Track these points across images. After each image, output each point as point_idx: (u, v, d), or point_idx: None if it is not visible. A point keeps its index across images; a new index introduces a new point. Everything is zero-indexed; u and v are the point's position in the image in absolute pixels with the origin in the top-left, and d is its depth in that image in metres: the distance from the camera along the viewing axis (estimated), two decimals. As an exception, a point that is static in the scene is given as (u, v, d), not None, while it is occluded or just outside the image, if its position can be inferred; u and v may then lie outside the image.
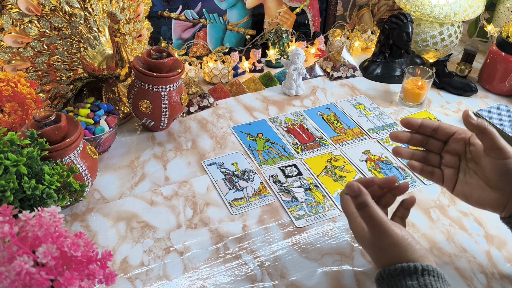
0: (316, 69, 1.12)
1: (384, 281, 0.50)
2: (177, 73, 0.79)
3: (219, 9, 1.10)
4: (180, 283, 0.60)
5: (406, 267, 0.47)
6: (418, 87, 0.96)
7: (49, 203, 0.57)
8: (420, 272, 0.47)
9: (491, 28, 1.07)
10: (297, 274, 0.61)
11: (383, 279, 0.50)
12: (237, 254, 0.64)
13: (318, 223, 0.69)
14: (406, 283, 0.47)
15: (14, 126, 0.69)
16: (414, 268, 0.47)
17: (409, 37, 1.04)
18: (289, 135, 0.89)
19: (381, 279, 0.50)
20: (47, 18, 0.74)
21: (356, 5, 1.27)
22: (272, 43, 1.14)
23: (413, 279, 0.47)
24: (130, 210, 0.71)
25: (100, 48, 0.79)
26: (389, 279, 0.49)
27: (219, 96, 1.01)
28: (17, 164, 0.54)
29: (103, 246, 0.65)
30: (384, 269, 0.50)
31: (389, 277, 0.49)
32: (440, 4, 1.06)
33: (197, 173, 0.79)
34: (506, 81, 1.02)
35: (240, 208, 0.71)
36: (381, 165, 0.82)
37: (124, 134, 0.88)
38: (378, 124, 0.93)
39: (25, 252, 0.40)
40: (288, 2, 1.17)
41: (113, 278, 0.45)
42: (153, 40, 1.06)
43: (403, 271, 0.48)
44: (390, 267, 0.49)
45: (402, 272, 0.48)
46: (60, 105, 0.85)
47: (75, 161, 0.66)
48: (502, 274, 0.61)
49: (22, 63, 0.76)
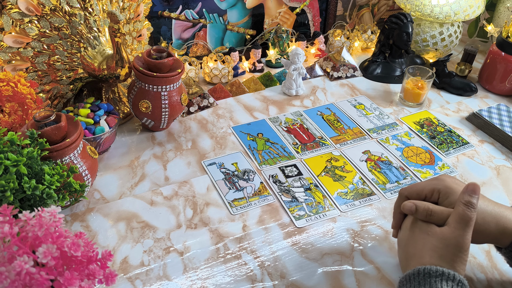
0: (316, 69, 1.12)
1: (419, 277, 0.50)
2: (177, 73, 0.79)
3: (219, 9, 1.10)
4: (180, 283, 0.60)
5: (447, 273, 0.49)
6: (418, 87, 0.96)
7: (49, 203, 0.57)
8: (457, 282, 0.49)
9: (491, 28, 1.07)
10: (297, 274, 0.61)
11: (418, 275, 0.50)
12: (237, 254, 0.64)
13: (318, 223, 0.69)
14: (441, 286, 0.48)
15: (14, 126, 0.69)
16: (453, 276, 0.49)
17: (409, 37, 1.04)
18: (289, 135, 0.89)
19: (416, 275, 0.51)
20: (47, 18, 0.74)
21: (356, 5, 1.27)
22: (272, 43, 1.14)
23: (448, 285, 0.48)
24: (130, 210, 0.71)
25: (100, 48, 0.79)
26: (425, 277, 0.50)
27: (219, 96, 1.01)
28: (17, 164, 0.54)
29: (103, 246, 0.65)
30: (425, 267, 0.50)
31: (426, 275, 0.50)
32: (440, 4, 1.06)
33: (197, 173, 0.79)
34: (506, 81, 1.02)
35: (240, 208, 0.71)
36: (381, 165, 0.82)
37: (124, 134, 0.88)
38: (378, 124, 0.93)
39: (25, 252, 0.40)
40: (288, 2, 1.17)
41: (113, 278, 0.45)
42: (153, 40, 1.06)
43: (443, 275, 0.49)
44: (432, 267, 0.50)
45: (442, 275, 0.49)
46: (60, 105, 0.85)
47: (75, 161, 0.66)
48: (502, 274, 0.62)
49: (22, 63, 0.76)
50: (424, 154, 0.85)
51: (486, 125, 0.91)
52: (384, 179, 0.78)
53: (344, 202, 0.73)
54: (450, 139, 0.89)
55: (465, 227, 0.51)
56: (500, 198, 0.75)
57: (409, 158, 0.84)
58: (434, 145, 0.87)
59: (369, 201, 0.74)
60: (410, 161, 0.83)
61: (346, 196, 0.74)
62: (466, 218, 0.51)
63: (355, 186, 0.77)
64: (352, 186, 0.77)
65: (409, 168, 0.81)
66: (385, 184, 0.77)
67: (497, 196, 0.75)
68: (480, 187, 0.74)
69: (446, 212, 0.54)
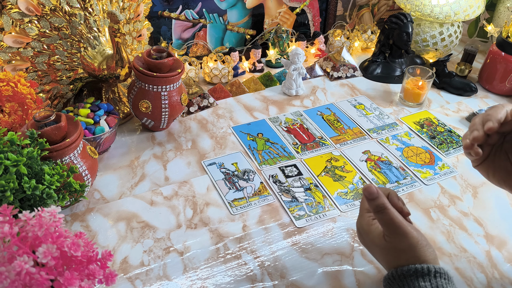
0: (316, 69, 1.12)
1: (396, 281, 0.50)
2: (177, 73, 0.79)
3: (219, 9, 1.10)
4: (180, 283, 0.60)
5: (420, 268, 0.48)
6: (418, 87, 0.96)
7: (49, 203, 0.57)
8: (433, 274, 0.48)
9: (491, 28, 1.07)
10: (297, 274, 0.61)
11: (394, 279, 0.50)
12: (237, 254, 0.64)
13: (318, 223, 0.69)
14: (419, 284, 0.47)
15: (14, 126, 0.69)
16: (427, 269, 0.48)
17: (409, 37, 1.04)
18: (289, 135, 0.89)
19: (392, 279, 0.50)
20: (47, 18, 0.74)
21: (356, 5, 1.27)
22: (272, 43, 1.14)
23: (425, 280, 0.47)
24: (130, 210, 0.71)
25: (100, 48, 0.79)
26: (401, 279, 0.49)
27: (219, 96, 1.01)
28: (17, 164, 0.54)
29: (103, 246, 0.65)
30: (396, 270, 0.50)
31: (401, 277, 0.49)
32: (440, 4, 1.06)
33: (197, 173, 0.79)
34: (506, 81, 1.02)
35: (240, 208, 0.71)
36: (381, 165, 0.82)
37: (124, 134, 0.88)
38: (378, 124, 0.93)
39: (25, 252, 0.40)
40: (288, 2, 1.17)
41: (113, 278, 0.45)
42: (153, 40, 1.06)
43: (417, 272, 0.48)
44: (403, 268, 0.49)
45: (415, 273, 0.48)
46: (60, 105, 0.85)
47: (75, 161, 0.66)
48: (502, 274, 0.62)
49: (22, 63, 0.76)
50: (424, 154, 0.85)
51: (486, 125, 0.91)
52: (384, 179, 0.78)
53: (344, 202, 0.73)
54: (450, 139, 0.89)
55: (395, 230, 0.50)
56: (500, 198, 0.75)
57: (409, 158, 0.84)
58: (434, 145, 0.87)
59: (369, 201, 0.74)
60: (410, 161, 0.83)
61: (346, 196, 0.74)
62: (387, 222, 0.50)
63: (355, 186, 0.77)
64: (352, 186, 0.77)
65: (409, 168, 0.81)
66: (385, 184, 0.77)
67: (497, 196, 0.75)
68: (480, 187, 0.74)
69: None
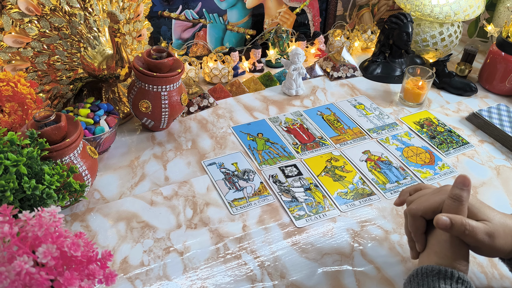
0: (316, 69, 1.12)
1: (418, 278, 0.50)
2: (177, 73, 0.79)
3: (219, 9, 1.10)
4: (180, 283, 0.60)
5: (444, 271, 0.49)
6: (418, 87, 0.96)
7: (49, 203, 0.57)
8: (456, 279, 0.48)
9: (491, 28, 1.07)
10: (297, 274, 0.61)
11: (417, 276, 0.50)
12: (237, 254, 0.64)
13: (318, 223, 0.69)
14: (439, 285, 0.48)
15: (14, 126, 0.69)
16: (451, 274, 0.48)
17: (409, 37, 1.04)
18: (289, 135, 0.89)
19: (415, 275, 0.51)
20: (47, 18, 0.74)
21: (356, 5, 1.27)
22: (272, 43, 1.14)
23: (447, 283, 0.48)
24: (130, 210, 0.71)
25: (100, 48, 0.79)
26: (423, 277, 0.50)
27: (219, 96, 1.01)
28: (17, 164, 0.54)
29: (103, 246, 0.65)
30: (422, 267, 0.50)
31: (424, 275, 0.50)
32: (440, 4, 1.06)
33: (197, 173, 0.79)
34: (506, 81, 1.02)
35: (240, 208, 0.71)
36: (381, 165, 0.82)
37: (124, 134, 0.88)
38: (378, 124, 0.93)
39: (25, 252, 0.40)
40: (288, 2, 1.17)
41: (113, 278, 0.45)
42: (153, 40, 1.06)
43: (440, 273, 0.49)
44: (428, 266, 0.50)
45: (438, 274, 0.49)
46: (60, 105, 0.85)
47: (75, 161, 0.66)
48: (502, 274, 0.62)
49: (22, 63, 0.76)
50: (424, 154, 0.85)
51: (486, 125, 0.91)
52: (384, 179, 0.78)
53: (344, 202, 0.73)
54: (450, 139, 0.89)
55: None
56: (500, 198, 0.75)
57: (409, 158, 0.84)
58: (434, 145, 0.87)
59: (369, 201, 0.74)
60: (410, 161, 0.83)
61: (346, 196, 0.74)
62: (454, 212, 0.51)
63: (355, 186, 0.77)
64: (352, 186, 0.77)
65: (409, 168, 0.81)
66: (385, 184, 0.77)
67: (497, 196, 0.75)
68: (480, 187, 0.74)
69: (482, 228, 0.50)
